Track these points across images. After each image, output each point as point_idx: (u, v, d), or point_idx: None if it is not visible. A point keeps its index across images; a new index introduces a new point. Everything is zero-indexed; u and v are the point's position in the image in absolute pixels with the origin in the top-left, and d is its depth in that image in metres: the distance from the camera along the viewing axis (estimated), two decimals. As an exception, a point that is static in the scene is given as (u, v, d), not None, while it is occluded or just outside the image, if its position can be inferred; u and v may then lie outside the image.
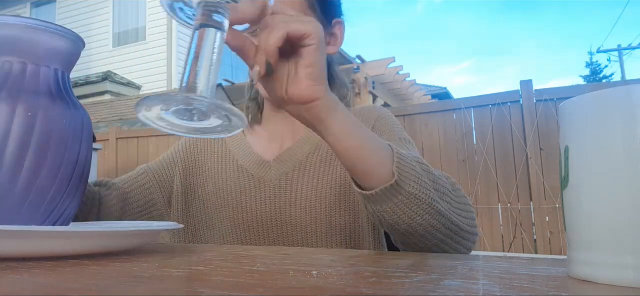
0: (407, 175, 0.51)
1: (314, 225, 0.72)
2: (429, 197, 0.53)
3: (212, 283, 0.28)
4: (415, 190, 0.51)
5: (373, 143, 0.51)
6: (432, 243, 0.56)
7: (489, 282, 0.28)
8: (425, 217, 0.53)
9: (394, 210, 0.52)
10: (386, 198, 0.51)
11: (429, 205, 0.53)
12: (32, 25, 0.45)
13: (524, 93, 4.06)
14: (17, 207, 0.43)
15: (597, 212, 0.27)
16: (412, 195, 0.51)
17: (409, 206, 0.52)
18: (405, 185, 0.51)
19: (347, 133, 0.49)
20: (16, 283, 0.28)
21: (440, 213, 0.54)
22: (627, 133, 0.26)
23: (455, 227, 0.57)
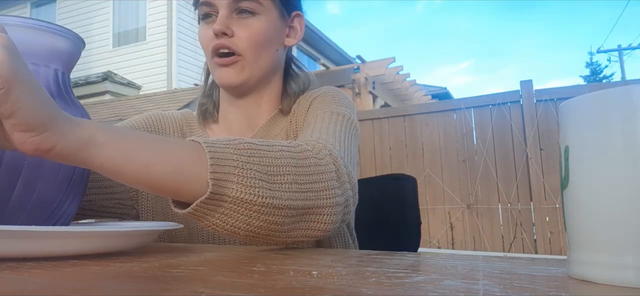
0: (227, 176, 0.43)
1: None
2: (260, 195, 0.44)
3: (212, 283, 0.28)
4: (240, 193, 0.43)
5: (165, 157, 0.42)
6: (283, 237, 0.49)
7: (489, 282, 0.28)
8: (263, 218, 0.45)
9: (224, 221, 0.45)
10: (209, 211, 0.44)
11: (263, 205, 0.45)
12: (32, 25, 0.45)
13: (524, 93, 4.06)
14: (17, 207, 0.43)
15: (597, 212, 0.27)
16: (238, 199, 0.44)
17: (239, 212, 0.44)
18: (226, 190, 0.43)
19: (118, 163, 0.40)
20: (16, 283, 0.28)
21: (281, 207, 0.46)
22: (627, 133, 0.26)
23: (306, 210, 0.49)
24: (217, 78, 0.72)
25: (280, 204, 0.46)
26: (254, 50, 0.70)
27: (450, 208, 4.26)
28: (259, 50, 0.70)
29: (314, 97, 0.74)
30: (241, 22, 0.69)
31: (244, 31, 0.69)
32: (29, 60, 0.45)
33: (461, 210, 4.21)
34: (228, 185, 0.43)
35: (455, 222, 4.22)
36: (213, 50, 0.69)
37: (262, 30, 0.70)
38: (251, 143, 0.47)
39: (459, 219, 4.21)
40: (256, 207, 0.44)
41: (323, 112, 0.68)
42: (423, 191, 4.28)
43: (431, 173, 4.34)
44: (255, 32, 0.69)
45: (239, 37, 0.69)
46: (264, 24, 0.70)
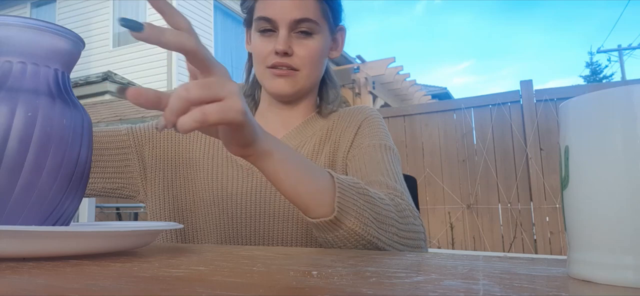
0: (348, 210, 0.54)
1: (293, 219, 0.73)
2: (369, 233, 0.55)
3: (212, 283, 0.28)
4: (355, 227, 0.54)
5: (311, 181, 0.53)
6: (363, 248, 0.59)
7: (489, 282, 0.28)
8: (367, 247, 0.57)
9: (334, 241, 0.56)
10: (327, 230, 0.55)
11: (369, 242, 0.56)
12: (32, 25, 0.45)
13: (524, 94, 4.06)
14: (17, 207, 0.43)
15: (597, 212, 0.27)
16: (352, 230, 0.54)
17: (349, 239, 0.55)
18: (345, 220, 0.54)
19: (282, 174, 0.52)
20: (16, 283, 0.28)
21: (383, 246, 0.57)
22: (627, 133, 0.26)
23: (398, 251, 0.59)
24: (269, 87, 0.76)
25: (383, 245, 0.57)
26: (309, 67, 0.76)
27: (450, 208, 4.26)
28: (314, 66, 0.77)
29: (360, 120, 0.79)
30: (299, 42, 0.74)
31: (302, 50, 0.74)
32: (29, 60, 0.45)
33: (461, 210, 4.21)
34: (347, 217, 0.54)
35: (455, 222, 4.22)
36: (272, 65, 0.74)
37: (318, 49, 0.76)
38: (368, 192, 0.57)
39: (459, 219, 4.21)
40: (364, 240, 0.55)
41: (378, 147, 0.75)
42: (423, 191, 4.28)
43: (431, 173, 4.33)
44: (312, 52, 0.75)
45: (297, 56, 0.74)
46: (319, 43, 0.76)
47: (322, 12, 0.75)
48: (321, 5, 0.75)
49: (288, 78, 0.75)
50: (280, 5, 0.73)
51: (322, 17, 0.75)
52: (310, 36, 0.75)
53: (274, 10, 0.73)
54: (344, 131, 0.79)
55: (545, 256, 3.52)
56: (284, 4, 0.73)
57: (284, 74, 0.74)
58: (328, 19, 0.77)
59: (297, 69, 0.75)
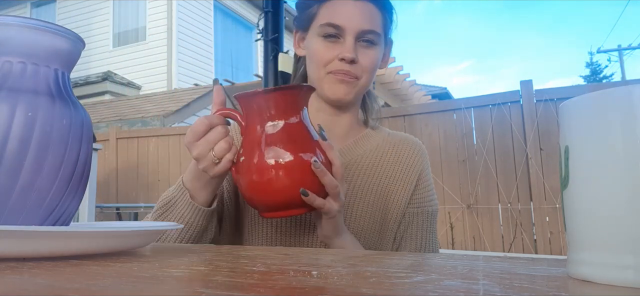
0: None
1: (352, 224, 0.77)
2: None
3: (212, 283, 0.28)
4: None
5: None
6: None
7: (489, 282, 0.28)
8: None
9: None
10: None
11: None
12: (32, 25, 0.45)
13: (524, 93, 4.06)
14: (17, 207, 0.43)
15: (597, 212, 0.27)
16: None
17: None
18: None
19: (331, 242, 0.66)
20: (16, 283, 0.28)
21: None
22: (627, 134, 0.26)
23: None
24: (329, 91, 0.77)
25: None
26: (368, 76, 0.78)
27: (450, 208, 4.26)
28: (371, 76, 0.80)
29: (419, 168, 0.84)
30: (363, 51, 0.76)
31: (365, 59, 0.76)
32: (29, 60, 0.45)
33: (461, 210, 4.21)
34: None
35: (455, 221, 4.22)
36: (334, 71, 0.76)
37: (377, 59, 0.79)
38: None
39: (459, 219, 4.21)
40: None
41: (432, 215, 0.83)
42: (423, 191, 4.27)
43: (431, 173, 4.33)
44: (373, 61, 0.77)
45: (360, 65, 0.76)
46: (378, 54, 0.79)
47: (383, 23, 0.78)
48: (383, 17, 0.78)
49: (349, 84, 0.76)
50: (350, 14, 0.75)
51: (382, 29, 0.78)
52: (372, 46, 0.77)
53: (342, 18, 0.75)
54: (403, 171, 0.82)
55: (545, 256, 3.52)
56: (355, 12, 0.75)
57: (346, 80, 0.76)
58: (386, 30, 0.81)
59: (358, 77, 0.77)
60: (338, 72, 0.75)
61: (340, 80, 0.76)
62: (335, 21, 0.75)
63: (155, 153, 5.23)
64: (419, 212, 0.81)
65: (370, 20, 0.75)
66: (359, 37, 0.75)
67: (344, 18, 0.74)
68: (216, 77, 8.68)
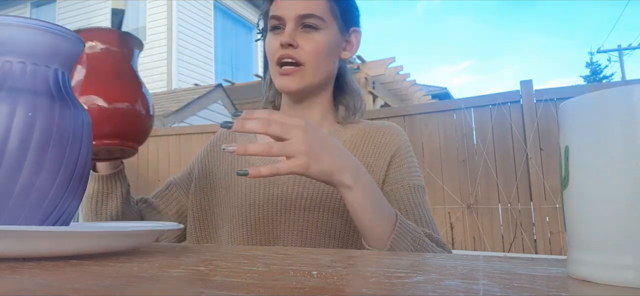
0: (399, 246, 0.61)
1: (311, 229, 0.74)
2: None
3: (212, 283, 0.28)
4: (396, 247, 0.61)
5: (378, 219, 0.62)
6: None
7: (489, 282, 0.28)
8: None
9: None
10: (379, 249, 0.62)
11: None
12: (32, 25, 0.45)
13: (524, 93, 4.06)
14: (17, 207, 0.43)
15: (597, 211, 0.27)
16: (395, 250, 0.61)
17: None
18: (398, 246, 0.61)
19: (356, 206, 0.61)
20: (16, 283, 0.28)
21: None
22: (627, 133, 0.26)
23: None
24: (278, 85, 0.79)
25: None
26: (315, 61, 0.77)
27: (450, 208, 4.26)
28: (319, 61, 0.78)
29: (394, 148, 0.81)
30: (305, 36, 0.77)
31: (307, 44, 0.76)
32: (29, 60, 0.45)
33: (461, 210, 4.21)
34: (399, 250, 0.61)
35: (455, 221, 4.23)
36: (278, 60, 0.77)
37: (323, 43, 0.77)
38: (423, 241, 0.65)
39: (459, 219, 4.21)
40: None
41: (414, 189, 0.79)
42: (423, 191, 4.27)
43: (431, 173, 4.34)
44: (318, 46, 0.77)
45: (302, 49, 0.76)
46: (325, 38, 0.78)
47: (330, 10, 0.78)
48: (329, 4, 0.78)
49: (294, 76, 0.77)
50: (288, 3, 0.77)
51: (330, 15, 0.78)
52: (316, 30, 0.77)
53: (283, 8, 0.77)
54: (376, 155, 0.80)
55: (545, 256, 3.52)
56: (292, 2, 0.77)
57: (289, 72, 0.77)
58: (337, 17, 0.80)
59: (303, 63, 0.76)
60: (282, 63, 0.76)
61: (283, 74, 0.77)
62: (277, 12, 0.77)
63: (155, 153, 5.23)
64: (398, 188, 0.78)
65: (309, 6, 0.76)
66: (299, 22, 0.76)
67: (284, 7, 0.77)
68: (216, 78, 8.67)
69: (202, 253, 0.45)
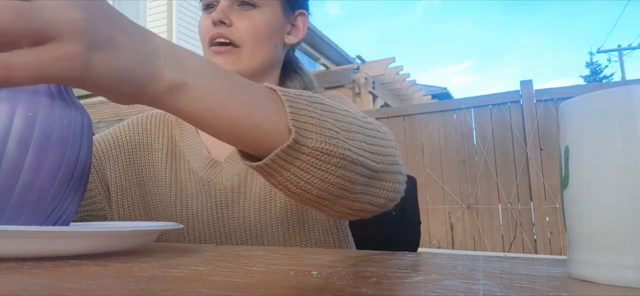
0: (306, 125, 0.40)
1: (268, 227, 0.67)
2: (339, 147, 0.42)
3: (212, 283, 0.28)
4: (320, 144, 0.41)
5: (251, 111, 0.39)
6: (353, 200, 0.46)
7: (489, 282, 0.28)
8: (339, 173, 0.42)
9: (298, 176, 0.41)
10: (285, 163, 0.41)
11: (341, 157, 0.42)
12: (32, 25, 0.45)
13: (524, 93, 4.06)
14: (17, 207, 0.43)
15: (597, 212, 0.27)
16: (317, 150, 0.40)
17: (316, 165, 0.41)
18: (306, 140, 0.40)
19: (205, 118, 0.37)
20: (16, 283, 0.28)
21: (356, 162, 0.44)
22: (627, 134, 0.26)
23: (374, 172, 0.47)
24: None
25: (356, 159, 0.44)
26: (252, 41, 0.68)
27: (450, 208, 4.26)
28: (258, 42, 0.69)
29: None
30: (242, 13, 0.68)
31: (243, 22, 0.68)
32: (29, 60, 0.45)
33: (461, 210, 4.21)
34: (307, 134, 0.40)
35: (455, 222, 4.22)
36: (210, 40, 0.68)
37: (263, 23, 0.69)
38: (320, 98, 0.44)
39: (459, 219, 4.21)
40: (334, 159, 0.41)
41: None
42: (423, 191, 4.28)
43: (431, 173, 4.34)
44: (255, 24, 0.68)
45: (237, 28, 0.68)
46: (264, 17, 0.69)
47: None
48: None
49: (227, 56, 0.67)
50: None
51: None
52: (253, 7, 0.69)
53: None
54: None
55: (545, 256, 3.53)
56: None
57: (223, 51, 0.67)
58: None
59: (238, 44, 0.68)
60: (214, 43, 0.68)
61: (216, 52, 0.68)
62: None
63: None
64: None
65: None
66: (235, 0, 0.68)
67: None
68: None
69: (202, 253, 0.45)
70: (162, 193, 0.72)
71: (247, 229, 0.68)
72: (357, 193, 0.46)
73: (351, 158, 0.43)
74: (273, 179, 0.43)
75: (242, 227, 0.68)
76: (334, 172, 0.42)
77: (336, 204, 0.46)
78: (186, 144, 0.74)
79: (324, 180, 0.42)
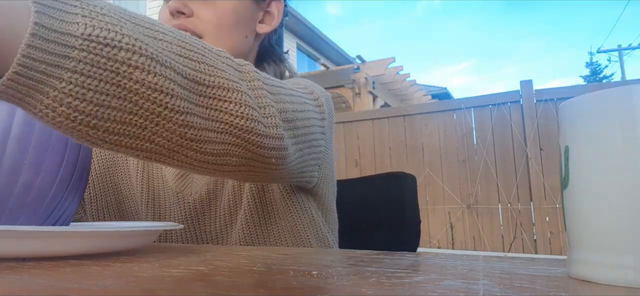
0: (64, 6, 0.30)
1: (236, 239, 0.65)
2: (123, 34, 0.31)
3: (212, 283, 0.28)
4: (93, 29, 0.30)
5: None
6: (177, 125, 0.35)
7: (489, 282, 0.28)
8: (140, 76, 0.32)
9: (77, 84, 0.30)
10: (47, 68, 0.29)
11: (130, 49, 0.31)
12: (32, 25, 0.45)
13: (524, 93, 4.06)
14: (17, 207, 0.43)
15: (597, 212, 0.27)
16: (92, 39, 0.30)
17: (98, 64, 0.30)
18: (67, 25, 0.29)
19: None
20: (16, 283, 0.28)
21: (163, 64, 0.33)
22: (627, 133, 0.26)
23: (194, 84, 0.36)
24: None
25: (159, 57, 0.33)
26: (217, 33, 0.61)
27: (450, 208, 4.26)
28: (223, 33, 0.62)
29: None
30: (205, 2, 0.62)
31: (205, 11, 0.61)
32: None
33: (461, 210, 4.21)
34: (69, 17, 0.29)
35: (455, 221, 4.22)
36: None
37: (228, 11, 0.62)
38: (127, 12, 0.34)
39: (459, 219, 4.21)
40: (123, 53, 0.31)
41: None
42: (423, 191, 4.28)
43: (431, 173, 4.34)
44: (219, 13, 0.62)
45: (199, 18, 0.61)
46: (230, 5, 0.63)
47: None
48: None
49: None
50: None
51: None
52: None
53: None
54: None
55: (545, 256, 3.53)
56: None
57: None
58: None
59: (200, 36, 0.61)
60: None
61: None
62: None
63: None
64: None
65: None
66: None
67: None
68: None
69: (202, 253, 0.45)
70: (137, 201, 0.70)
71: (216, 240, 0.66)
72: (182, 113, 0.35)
73: (150, 53, 0.32)
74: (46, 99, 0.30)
75: (211, 239, 0.66)
76: (130, 74, 0.31)
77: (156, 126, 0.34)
78: None
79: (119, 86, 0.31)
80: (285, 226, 0.65)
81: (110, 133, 0.33)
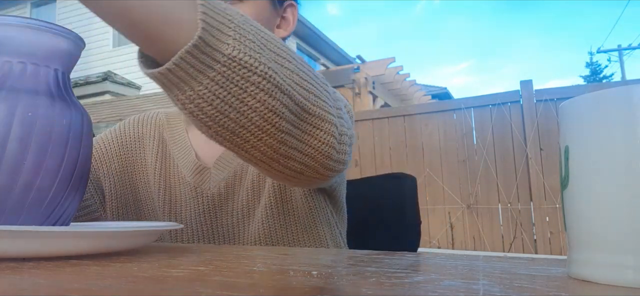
0: (221, 27, 0.35)
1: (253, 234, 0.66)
2: (261, 62, 0.36)
3: (212, 283, 0.28)
4: (238, 53, 0.35)
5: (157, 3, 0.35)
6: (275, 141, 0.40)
7: (489, 282, 0.28)
8: (260, 98, 0.36)
9: (212, 91, 0.35)
10: (195, 72, 0.35)
11: (264, 76, 0.36)
12: (32, 25, 0.45)
13: (524, 93, 4.06)
14: (17, 207, 0.43)
15: (597, 212, 0.27)
16: (234, 60, 0.35)
17: (233, 80, 0.35)
18: (220, 45, 0.35)
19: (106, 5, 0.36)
20: (16, 283, 0.28)
21: (282, 89, 0.38)
22: (627, 134, 0.26)
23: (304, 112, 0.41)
24: None
25: (282, 86, 0.38)
26: None
27: (450, 208, 4.26)
28: None
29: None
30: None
31: None
32: (29, 61, 0.45)
33: (461, 210, 4.21)
34: (222, 38, 0.35)
35: (455, 221, 4.22)
36: None
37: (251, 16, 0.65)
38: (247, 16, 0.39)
39: (459, 219, 4.21)
40: (256, 77, 0.36)
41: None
42: (423, 191, 4.28)
43: (431, 173, 4.33)
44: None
45: None
46: (251, 11, 0.65)
47: None
48: None
49: None
50: None
51: None
52: (239, 2, 0.64)
53: None
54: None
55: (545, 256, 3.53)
56: None
57: None
58: None
59: None
60: None
61: None
62: None
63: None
64: None
65: None
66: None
67: None
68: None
69: (202, 253, 0.45)
70: (154, 198, 0.72)
71: (232, 235, 0.67)
72: (283, 133, 0.40)
73: (276, 81, 0.37)
74: (183, 94, 0.36)
75: (227, 233, 0.67)
76: (255, 94, 0.36)
77: (258, 140, 0.39)
78: (176, 147, 0.74)
79: (243, 102, 0.36)
80: (304, 225, 0.67)
81: (218, 134, 0.39)
